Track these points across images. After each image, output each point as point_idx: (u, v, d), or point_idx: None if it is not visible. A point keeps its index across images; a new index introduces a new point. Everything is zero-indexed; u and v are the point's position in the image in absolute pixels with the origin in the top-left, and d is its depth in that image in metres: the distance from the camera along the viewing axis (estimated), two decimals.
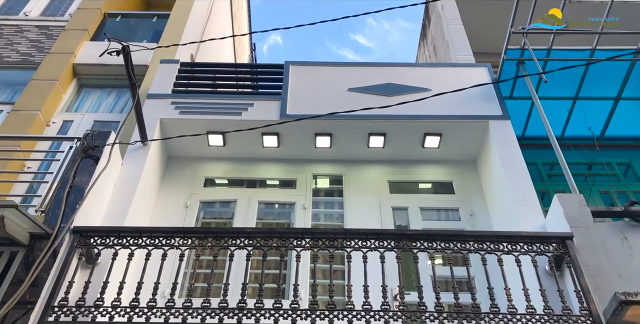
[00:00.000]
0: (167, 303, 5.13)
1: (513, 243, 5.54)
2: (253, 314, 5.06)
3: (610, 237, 5.58)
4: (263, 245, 5.62)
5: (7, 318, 4.93)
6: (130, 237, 5.63)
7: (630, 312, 4.71)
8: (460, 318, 5.01)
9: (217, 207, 7.91)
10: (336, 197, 8.03)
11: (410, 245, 5.56)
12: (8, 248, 5.47)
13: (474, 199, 7.76)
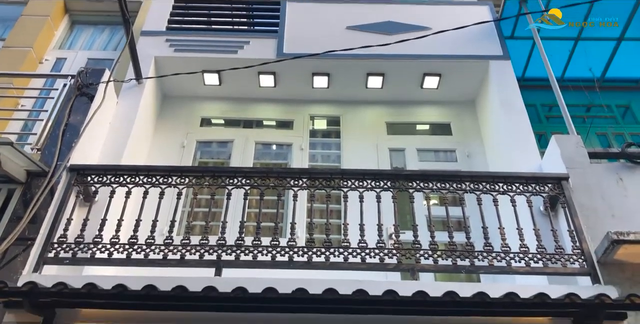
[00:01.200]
0: (166, 240, 5.20)
1: (509, 184, 5.57)
2: (251, 251, 5.13)
3: (605, 178, 5.62)
4: (260, 184, 5.64)
5: (7, 254, 5.00)
6: (127, 175, 5.63)
7: (622, 251, 4.80)
8: (454, 256, 5.09)
9: (213, 147, 7.90)
10: (333, 139, 8.01)
11: (407, 185, 5.59)
12: (5, 185, 5.48)
13: (472, 141, 7.75)
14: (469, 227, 5.34)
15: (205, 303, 4.40)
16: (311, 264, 5.10)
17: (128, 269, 5.19)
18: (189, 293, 4.15)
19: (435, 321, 4.61)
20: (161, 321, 4.69)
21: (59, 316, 4.61)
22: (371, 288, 4.27)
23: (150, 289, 4.14)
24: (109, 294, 4.18)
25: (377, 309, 4.53)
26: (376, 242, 5.19)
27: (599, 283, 4.84)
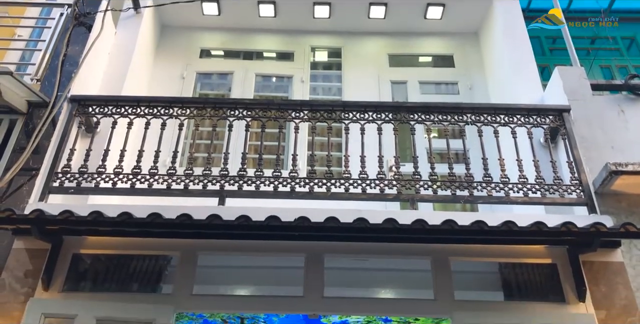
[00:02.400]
0: (169, 170, 5.25)
1: (510, 115, 5.57)
2: (253, 182, 5.19)
3: (607, 110, 5.62)
4: (261, 116, 5.64)
5: (13, 183, 5.07)
6: (128, 106, 5.62)
7: (619, 181, 4.86)
8: (453, 186, 5.16)
9: (213, 79, 7.83)
10: (334, 71, 7.93)
11: (408, 117, 5.60)
12: (7, 116, 5.48)
13: (474, 73, 7.68)
14: (469, 159, 5.38)
15: (210, 231, 4.49)
16: (313, 195, 5.18)
17: (132, 199, 5.26)
18: (194, 221, 4.23)
19: (433, 248, 4.74)
20: (166, 249, 4.83)
21: (66, 243, 4.73)
22: (371, 216, 4.35)
23: (156, 217, 4.22)
24: (114, 222, 4.26)
25: (377, 237, 4.65)
26: (377, 173, 5.25)
27: (595, 212, 4.94)
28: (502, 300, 4.72)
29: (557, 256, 4.72)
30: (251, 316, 5.84)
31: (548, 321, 4.34)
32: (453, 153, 5.66)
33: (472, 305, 4.55)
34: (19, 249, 4.72)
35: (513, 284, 4.79)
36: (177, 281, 4.65)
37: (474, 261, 4.86)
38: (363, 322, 5.91)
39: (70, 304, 4.40)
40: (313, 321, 5.96)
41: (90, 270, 4.87)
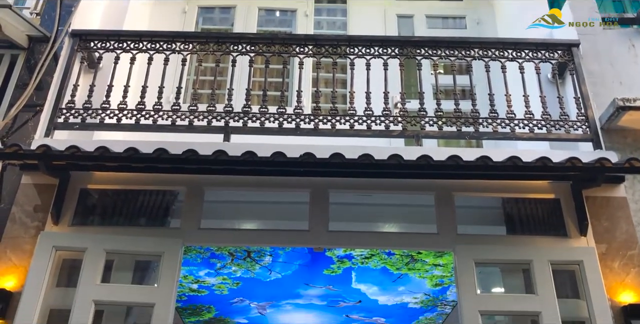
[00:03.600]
0: (173, 106, 5.23)
1: (518, 50, 5.47)
2: (258, 118, 5.18)
3: (617, 45, 5.52)
4: (265, 51, 5.55)
5: (17, 120, 5.07)
6: (130, 41, 5.53)
7: (626, 117, 4.83)
8: (459, 122, 5.14)
9: (216, 13, 7.67)
10: (339, 4, 7.75)
11: (414, 52, 5.51)
12: (8, 51, 5.43)
13: (482, 7, 7.50)
14: (475, 95, 5.33)
15: (215, 167, 4.51)
16: (318, 131, 5.17)
17: (137, 135, 5.27)
18: (200, 156, 4.25)
19: (437, 184, 4.77)
20: (172, 184, 4.88)
21: (73, 179, 4.78)
22: (376, 153, 4.36)
23: (162, 152, 4.23)
24: (120, 157, 4.28)
25: (382, 172, 4.67)
26: (382, 110, 5.21)
27: (601, 148, 4.93)
28: (505, 234, 4.80)
29: (561, 191, 4.75)
30: (257, 249, 5.95)
31: (549, 254, 4.42)
32: (459, 89, 5.62)
33: (475, 239, 4.63)
34: (27, 184, 4.77)
35: (516, 219, 4.85)
36: (184, 215, 4.72)
37: (478, 196, 4.91)
38: (367, 255, 6.03)
39: (80, 238, 4.49)
40: (318, 255, 6.08)
41: (98, 205, 4.94)
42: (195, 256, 6.11)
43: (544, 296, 4.24)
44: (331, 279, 6.79)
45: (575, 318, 4.33)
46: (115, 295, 4.32)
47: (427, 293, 7.00)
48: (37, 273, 4.29)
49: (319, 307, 7.69)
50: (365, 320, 8.09)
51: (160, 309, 4.21)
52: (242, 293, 7.22)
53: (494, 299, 4.40)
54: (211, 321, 8.27)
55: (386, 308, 7.56)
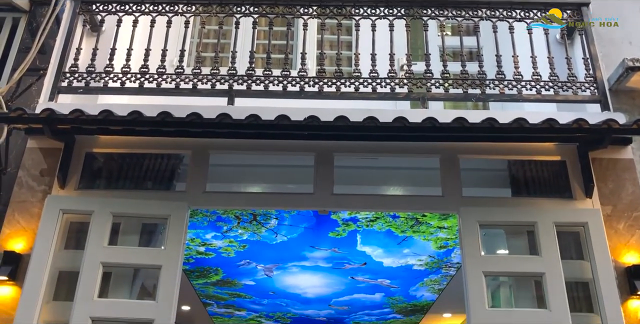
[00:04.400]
0: (177, 69, 5.18)
1: (526, 10, 5.37)
2: (262, 81, 5.14)
3: (627, 4, 5.42)
4: (269, 13, 5.47)
5: (21, 84, 5.06)
6: (132, 3, 5.45)
7: (635, 78, 4.78)
8: (465, 84, 5.09)
9: None
10: None
11: (421, 13, 5.42)
12: (9, 14, 5.38)
13: None
14: (482, 57, 5.26)
15: (220, 130, 4.50)
16: (322, 94, 5.13)
17: (141, 99, 5.25)
18: (204, 120, 4.24)
19: (443, 147, 4.75)
20: (177, 148, 4.88)
21: (78, 142, 4.78)
22: (381, 116, 4.34)
23: (166, 116, 4.22)
24: (125, 121, 4.28)
25: (387, 135, 4.65)
26: (387, 72, 5.16)
27: (609, 110, 4.89)
28: (510, 196, 4.79)
29: (567, 153, 4.73)
30: (263, 212, 5.99)
31: (554, 216, 4.42)
32: (466, 51, 5.54)
33: (479, 201, 4.64)
34: (33, 148, 4.78)
35: (521, 181, 4.84)
36: (190, 179, 4.74)
37: (483, 158, 4.90)
38: (371, 218, 6.06)
39: (87, 201, 4.53)
40: (323, 218, 6.11)
41: (104, 169, 4.96)
42: (201, 219, 6.16)
43: (548, 258, 4.27)
44: (336, 242, 6.85)
45: (578, 279, 4.36)
46: (122, 257, 4.37)
47: (431, 255, 7.06)
48: (45, 235, 4.34)
49: (324, 269, 7.78)
50: (370, 282, 8.19)
51: (168, 271, 4.27)
52: (248, 255, 7.31)
53: (498, 261, 4.44)
54: (218, 283, 8.39)
55: (391, 270, 7.64)
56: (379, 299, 8.98)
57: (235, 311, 9.97)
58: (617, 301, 4.13)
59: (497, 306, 4.58)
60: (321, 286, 8.54)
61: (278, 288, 8.65)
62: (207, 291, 8.81)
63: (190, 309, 9.71)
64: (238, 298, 9.15)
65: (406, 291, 8.48)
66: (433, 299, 8.79)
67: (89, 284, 4.17)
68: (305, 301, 9.26)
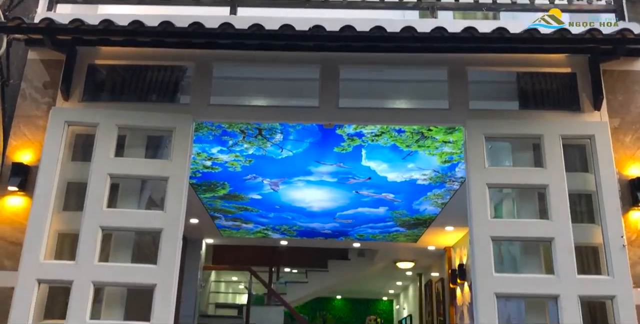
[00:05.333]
0: None
1: None
2: None
3: None
4: None
5: None
6: None
7: None
8: None
9: None
10: None
11: None
12: None
13: None
14: None
15: (223, 41, 4.40)
16: (328, 3, 5.00)
17: (142, 9, 5.09)
18: (206, 29, 4.14)
19: (451, 58, 4.65)
20: (180, 59, 4.80)
21: (80, 54, 4.69)
22: (389, 26, 4.22)
23: (167, 26, 4.12)
24: (126, 31, 4.18)
25: (394, 46, 4.54)
26: None
27: (624, 19, 4.73)
28: (517, 109, 4.74)
29: (577, 65, 4.62)
30: (268, 127, 5.97)
31: (561, 129, 4.39)
32: None
33: (486, 113, 4.60)
34: (34, 60, 4.71)
35: (529, 93, 4.76)
36: (193, 91, 4.69)
37: (492, 70, 4.81)
38: (377, 133, 6.04)
39: (91, 113, 4.51)
40: (328, 132, 6.10)
41: (107, 81, 4.90)
42: (207, 133, 6.16)
43: (553, 170, 4.28)
44: (341, 157, 6.88)
45: (582, 191, 4.40)
46: (129, 169, 4.41)
47: (435, 170, 7.10)
48: (51, 147, 4.35)
49: (329, 184, 7.87)
50: (375, 196, 8.31)
51: (175, 182, 4.31)
52: (254, 170, 7.38)
53: (502, 173, 4.44)
54: (226, 196, 8.54)
55: (395, 185, 7.72)
56: (383, 213, 9.16)
57: (243, 224, 10.21)
58: (619, 212, 4.19)
59: (500, 218, 4.66)
60: (326, 200, 8.69)
61: (284, 202, 8.80)
62: (215, 204, 8.99)
63: (198, 222, 9.95)
64: (245, 211, 9.35)
65: (409, 205, 8.62)
66: (436, 213, 8.96)
67: (98, 194, 4.23)
68: (311, 214, 9.46)
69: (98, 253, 4.13)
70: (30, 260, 4.04)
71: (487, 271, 4.10)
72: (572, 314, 3.93)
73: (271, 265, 14.01)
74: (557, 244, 4.08)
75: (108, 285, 4.19)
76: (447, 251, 11.06)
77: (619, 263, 4.04)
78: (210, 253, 12.61)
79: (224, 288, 15.48)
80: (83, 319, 3.93)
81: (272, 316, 12.26)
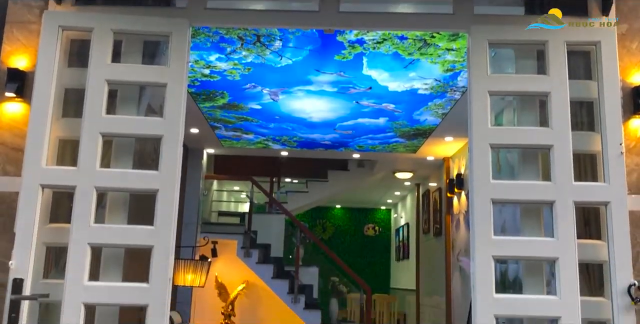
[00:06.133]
0: None
1: None
2: None
3: None
4: None
5: None
6: None
7: None
8: None
9: None
10: None
11: None
12: None
13: None
14: None
15: None
16: None
17: None
18: None
19: None
20: None
21: None
22: None
23: None
24: None
25: None
26: None
27: None
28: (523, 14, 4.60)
29: None
30: (267, 33, 5.84)
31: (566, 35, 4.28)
32: None
33: (491, 19, 4.47)
34: None
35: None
36: None
37: None
38: (378, 40, 5.91)
39: (85, 17, 4.38)
40: (328, 39, 5.96)
41: None
42: (204, 40, 6.04)
43: (556, 77, 4.21)
44: (342, 65, 6.78)
45: (584, 98, 4.34)
46: (127, 75, 4.33)
47: (437, 79, 7.03)
48: (47, 53, 4.25)
49: (329, 94, 7.82)
50: (375, 106, 8.28)
51: (173, 89, 4.26)
52: (253, 78, 7.30)
53: (504, 80, 4.36)
54: (225, 106, 8.50)
55: (396, 94, 7.67)
56: (383, 123, 9.16)
57: (243, 134, 10.25)
58: (620, 119, 4.17)
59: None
60: (326, 111, 8.67)
61: (284, 112, 8.78)
62: (215, 114, 8.97)
63: (198, 132, 9.99)
64: (245, 121, 9.35)
65: (410, 115, 8.61)
66: (436, 123, 8.96)
67: (96, 101, 4.19)
68: (311, 125, 9.47)
69: (99, 159, 4.15)
70: (33, 166, 4.07)
71: (484, 178, 4.14)
72: (567, 220, 4.02)
73: (272, 175, 14.22)
74: (556, 151, 4.10)
75: (110, 190, 4.24)
76: (446, 161, 11.18)
77: (616, 170, 4.07)
78: (212, 163, 12.76)
79: (226, 197, 15.79)
80: (87, 223, 4.01)
81: (274, 223, 12.61)
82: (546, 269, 4.23)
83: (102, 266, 4.22)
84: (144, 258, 4.07)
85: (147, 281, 3.98)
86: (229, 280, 12.04)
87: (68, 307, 3.88)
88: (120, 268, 4.26)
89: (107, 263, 4.23)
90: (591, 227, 4.27)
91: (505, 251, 4.10)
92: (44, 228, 4.10)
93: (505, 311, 4.00)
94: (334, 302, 12.00)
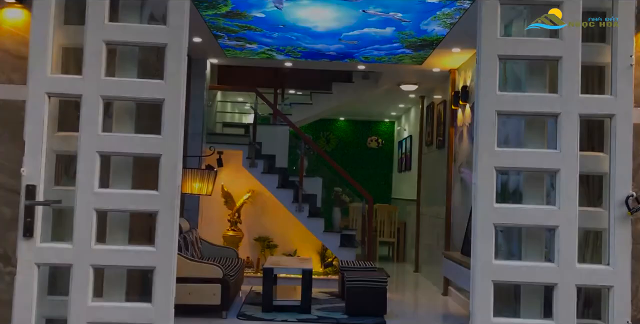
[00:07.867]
0: None
1: None
2: None
3: None
4: None
5: None
6: None
7: None
8: None
9: None
10: None
11: None
12: None
13: None
14: None
15: None
16: None
17: None
18: None
19: None
20: None
21: None
22: None
23: None
24: None
25: None
26: None
27: None
28: None
29: None
30: None
31: None
32: None
33: None
34: None
35: None
36: None
37: None
38: None
39: None
40: None
41: None
42: None
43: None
44: None
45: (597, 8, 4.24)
46: None
47: None
48: None
49: (335, 1, 7.61)
50: (382, 15, 8.08)
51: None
52: None
53: None
54: (228, 14, 8.30)
55: (404, 3, 7.46)
56: (389, 33, 8.98)
57: (247, 44, 10.09)
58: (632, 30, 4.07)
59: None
60: (332, 20, 8.48)
61: (288, 21, 8.59)
62: (217, 23, 8.79)
63: (201, 42, 9.83)
64: (248, 30, 9.17)
65: (417, 25, 8.42)
66: (444, 34, 8.78)
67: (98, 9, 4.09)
68: (316, 35, 9.29)
69: (104, 67, 4.12)
70: (38, 74, 4.04)
71: (491, 90, 4.13)
72: (571, 132, 4.04)
73: (276, 87, 14.12)
74: (565, 62, 4.06)
75: (116, 99, 4.24)
76: (452, 73, 11.06)
77: (624, 82, 4.05)
78: (215, 73, 12.63)
79: (230, 108, 15.76)
80: (95, 131, 4.05)
81: (278, 135, 12.66)
82: (547, 181, 4.31)
83: (112, 174, 4.31)
84: (153, 166, 4.14)
85: (156, 189, 4.08)
86: (235, 189, 12.29)
87: (80, 212, 4.00)
88: (130, 176, 4.34)
89: (116, 172, 4.31)
90: (594, 140, 4.31)
91: (508, 162, 4.16)
92: (53, 136, 4.14)
93: (505, 219, 4.12)
94: (337, 211, 12.27)
